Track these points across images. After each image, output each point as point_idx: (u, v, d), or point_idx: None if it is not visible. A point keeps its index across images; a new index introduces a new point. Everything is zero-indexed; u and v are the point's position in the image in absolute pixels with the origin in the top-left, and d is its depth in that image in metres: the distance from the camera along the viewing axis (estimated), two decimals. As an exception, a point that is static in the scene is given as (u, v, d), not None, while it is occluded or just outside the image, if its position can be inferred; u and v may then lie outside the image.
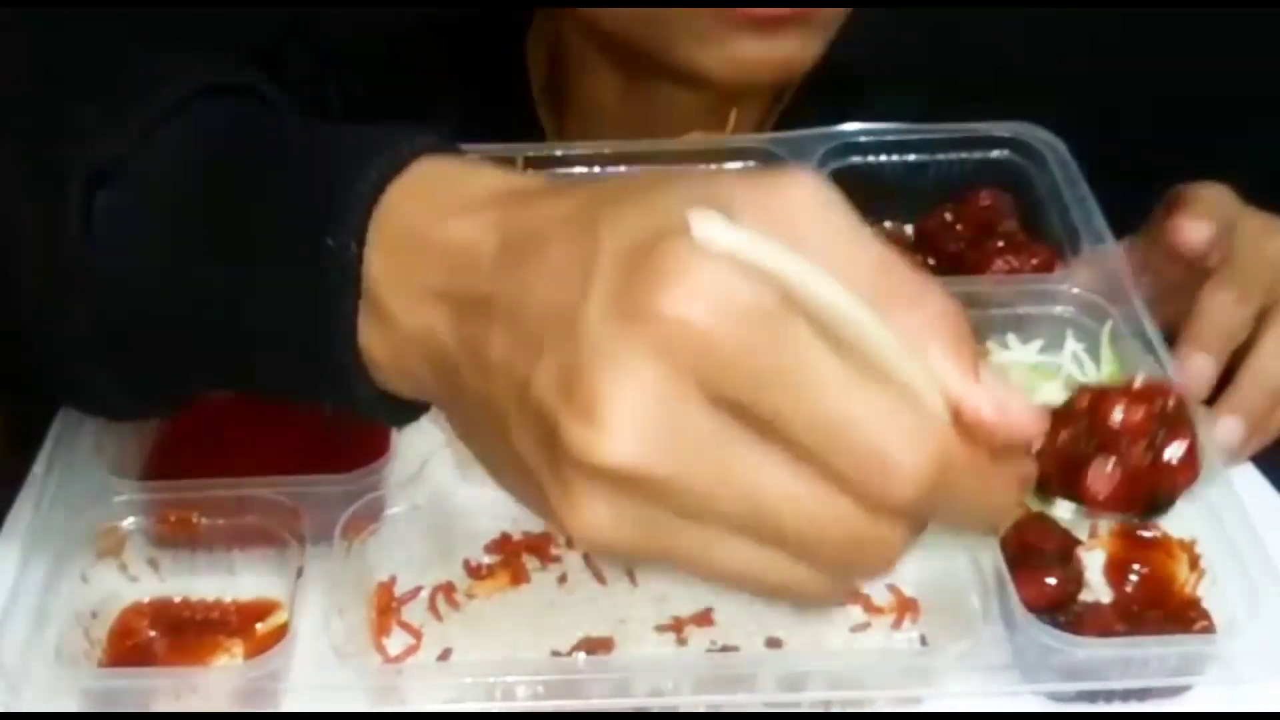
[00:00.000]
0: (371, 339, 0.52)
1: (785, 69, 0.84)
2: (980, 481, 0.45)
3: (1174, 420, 0.62)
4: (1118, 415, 0.62)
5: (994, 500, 0.47)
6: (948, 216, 0.89)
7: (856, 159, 0.90)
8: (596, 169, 0.89)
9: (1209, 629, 0.69)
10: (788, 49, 0.82)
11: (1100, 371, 0.79)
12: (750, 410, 0.43)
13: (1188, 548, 0.72)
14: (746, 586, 0.46)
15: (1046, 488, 0.62)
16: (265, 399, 0.59)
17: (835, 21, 0.84)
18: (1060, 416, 0.62)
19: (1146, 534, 0.73)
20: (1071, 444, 0.62)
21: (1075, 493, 0.61)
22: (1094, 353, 0.80)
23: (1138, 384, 0.63)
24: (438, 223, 0.50)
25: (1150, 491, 0.62)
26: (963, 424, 0.44)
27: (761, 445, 0.43)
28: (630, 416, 0.42)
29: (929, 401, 0.44)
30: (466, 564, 0.73)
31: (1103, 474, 0.61)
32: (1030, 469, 0.49)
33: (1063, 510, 0.63)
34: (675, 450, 0.43)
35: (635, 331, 0.42)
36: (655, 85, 0.90)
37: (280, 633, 0.68)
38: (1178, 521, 0.72)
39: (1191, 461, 0.62)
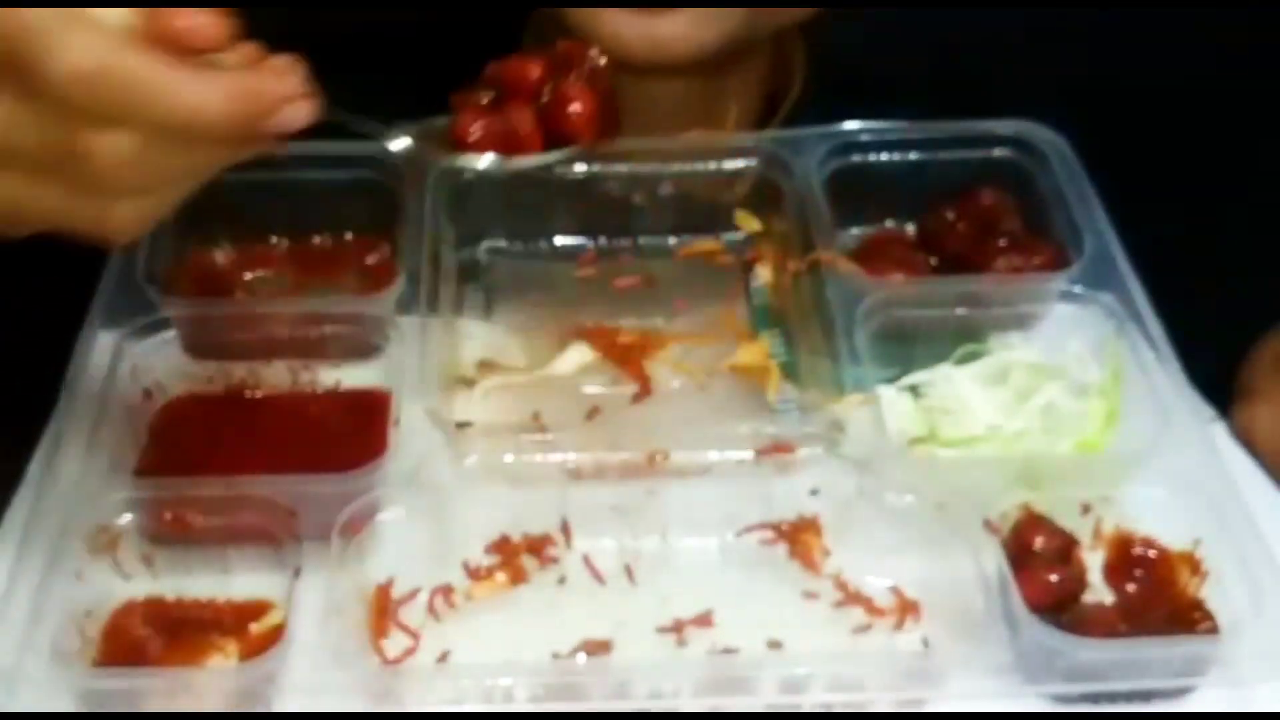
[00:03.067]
0: None
1: (665, 50, 0.82)
2: (160, 78, 0.53)
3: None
4: None
5: (185, 98, 0.54)
6: (950, 215, 0.88)
7: (857, 157, 0.89)
8: (595, 166, 0.88)
9: (1213, 630, 0.69)
10: (669, 29, 0.81)
11: (1103, 370, 0.79)
12: None
13: (1187, 557, 0.72)
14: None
15: None
16: None
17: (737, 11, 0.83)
18: None
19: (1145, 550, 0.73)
20: None
21: None
22: (1097, 352, 0.80)
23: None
24: None
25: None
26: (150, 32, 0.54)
27: None
28: None
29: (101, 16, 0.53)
30: (465, 565, 0.73)
31: None
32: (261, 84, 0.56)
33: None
34: None
35: None
36: (620, 82, 0.90)
37: (274, 633, 0.68)
38: (1182, 522, 0.71)
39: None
